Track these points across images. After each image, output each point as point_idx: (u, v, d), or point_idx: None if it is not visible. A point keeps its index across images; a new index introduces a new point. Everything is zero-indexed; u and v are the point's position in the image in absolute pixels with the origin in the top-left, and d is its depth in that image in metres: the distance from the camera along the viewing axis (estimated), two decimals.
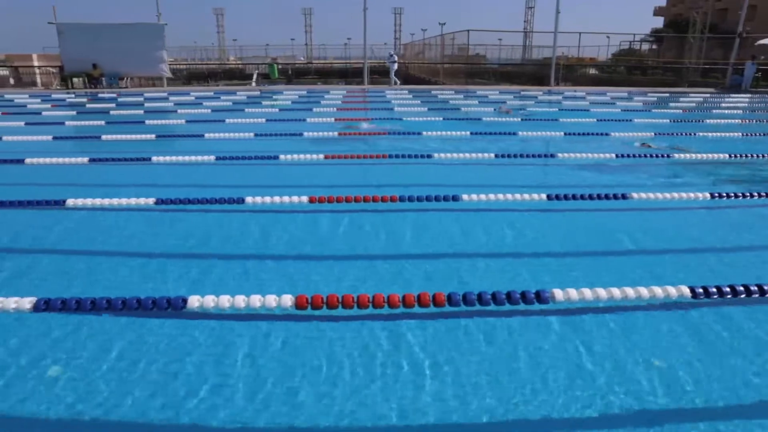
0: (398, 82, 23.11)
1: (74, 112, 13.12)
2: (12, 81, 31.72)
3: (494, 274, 3.77)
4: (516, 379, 2.52)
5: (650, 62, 42.68)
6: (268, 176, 6.68)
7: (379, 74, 34.13)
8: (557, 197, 4.92)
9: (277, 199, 4.87)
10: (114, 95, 18.35)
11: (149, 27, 21.42)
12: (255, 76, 25.96)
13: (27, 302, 2.67)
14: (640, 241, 4.39)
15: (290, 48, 63.26)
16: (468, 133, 8.94)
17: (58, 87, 31.45)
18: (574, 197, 5.00)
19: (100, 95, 18.54)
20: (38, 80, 33.04)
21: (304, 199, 4.87)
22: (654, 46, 50.47)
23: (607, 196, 5.00)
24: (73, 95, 18.72)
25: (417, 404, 2.35)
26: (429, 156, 7.13)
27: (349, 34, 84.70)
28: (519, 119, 11.11)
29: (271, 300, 2.73)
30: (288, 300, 2.71)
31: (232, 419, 2.27)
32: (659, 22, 59.53)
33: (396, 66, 23.30)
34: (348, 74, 42.92)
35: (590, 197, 5.00)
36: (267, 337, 2.89)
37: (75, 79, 22.18)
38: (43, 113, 12.75)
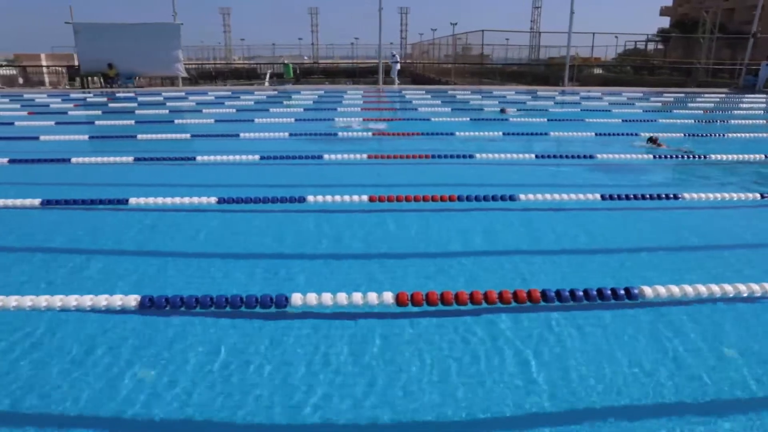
0: (398, 81, 23.13)
1: (99, 112, 13.20)
2: (21, 80, 31.86)
3: (562, 270, 3.86)
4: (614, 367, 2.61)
5: (657, 62, 42.64)
6: (316, 175, 6.75)
7: (386, 74, 34.21)
8: (611, 197, 5.00)
9: (337, 198, 4.93)
10: (131, 94, 18.41)
11: (165, 27, 21.48)
12: (268, 76, 26.03)
13: (132, 299, 2.72)
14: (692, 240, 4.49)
15: (297, 47, 63.25)
16: (500, 133, 9.02)
17: (68, 86, 31.55)
18: (627, 197, 5.06)
19: (117, 94, 18.61)
20: (46, 80, 33.17)
21: (365, 198, 4.94)
22: (660, 46, 50.50)
23: (659, 196, 5.06)
24: (90, 94, 18.78)
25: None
26: (471, 156, 7.20)
27: (355, 34, 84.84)
28: (545, 120, 11.16)
29: (373, 297, 2.78)
30: (389, 297, 2.76)
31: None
32: (665, 22, 59.49)
33: (398, 66, 23.34)
34: (356, 74, 43.00)
35: (642, 197, 5.06)
36: (371, 332, 2.96)
37: (84, 79, 22.28)
38: (69, 113, 12.83)
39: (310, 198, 4.92)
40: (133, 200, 4.90)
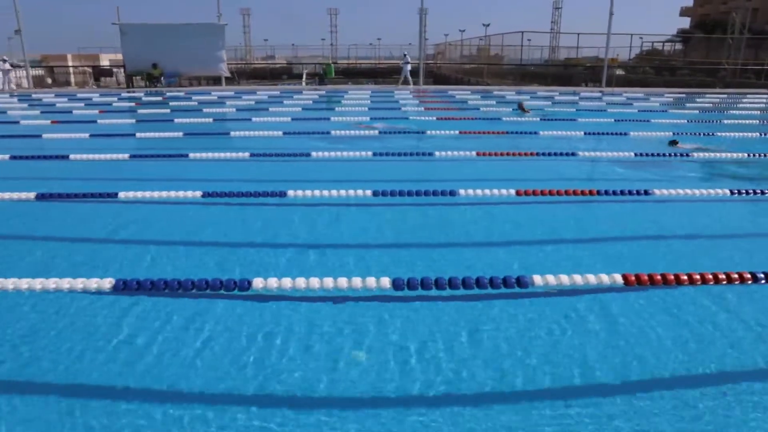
0: (411, 81, 23.31)
1: (168, 110, 13.52)
2: (49, 80, 32.37)
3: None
4: None
5: (678, 63, 42.44)
6: (434, 170, 7.04)
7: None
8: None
9: (487, 192, 5.21)
10: (180, 94, 18.75)
11: (210, 27, 21.85)
12: (304, 76, 26.36)
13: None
14: None
15: (319, 48, 63.58)
16: (582, 133, 9.27)
17: (94, 86, 31.96)
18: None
19: (168, 93, 18.95)
20: (72, 80, 33.65)
21: (512, 191, 5.20)
22: (678, 47, 50.39)
23: None
24: (143, 94, 19.15)
25: None
26: (573, 153, 7.44)
27: (374, 36, 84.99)
28: (613, 120, 11.39)
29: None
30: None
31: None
32: (684, 23, 59.21)
33: (410, 66, 23.54)
34: (377, 74, 43.25)
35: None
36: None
37: (130, 79, 22.68)
38: (139, 111, 13.19)
39: (462, 192, 5.17)
40: (291, 192, 5.18)
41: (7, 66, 21.99)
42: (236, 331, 3.02)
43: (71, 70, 37.28)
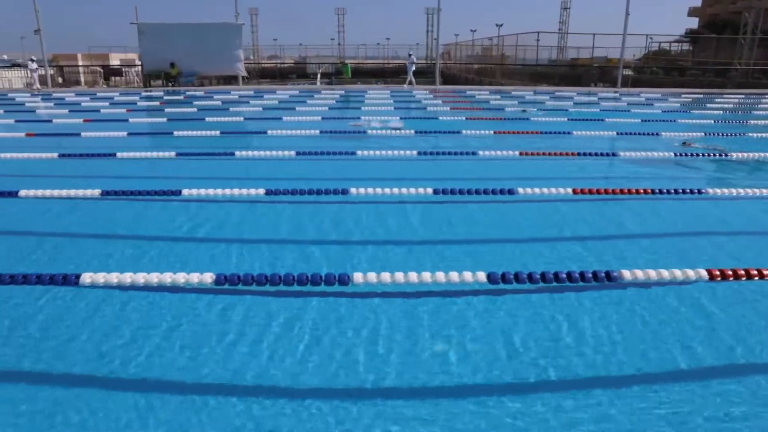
0: (413, 81, 23.25)
1: (194, 109, 13.63)
2: (60, 80, 32.53)
3: None
4: None
5: (686, 63, 42.37)
6: (483, 169, 7.14)
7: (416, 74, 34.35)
8: None
9: (545, 190, 5.30)
10: (200, 93, 18.86)
11: (227, 27, 21.96)
12: (319, 75, 26.45)
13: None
14: None
15: (327, 48, 63.65)
16: (615, 132, 9.35)
17: (104, 85, 32.07)
18: None
19: (187, 93, 19.06)
20: (82, 79, 33.79)
21: (569, 190, 5.29)
22: (685, 47, 50.34)
23: None
24: (162, 93, 19.26)
25: None
26: (614, 154, 7.52)
27: (381, 35, 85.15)
28: (640, 120, 11.45)
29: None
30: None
31: None
32: (692, 23, 59.03)
33: (414, 66, 23.52)
34: (385, 74, 43.30)
35: None
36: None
37: (147, 78, 22.82)
38: (166, 110, 13.29)
39: (520, 190, 5.26)
40: (353, 190, 5.27)
41: (35, 65, 22.17)
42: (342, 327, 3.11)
43: (81, 69, 37.42)
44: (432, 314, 3.23)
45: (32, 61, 22.10)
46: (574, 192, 5.30)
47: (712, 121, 11.42)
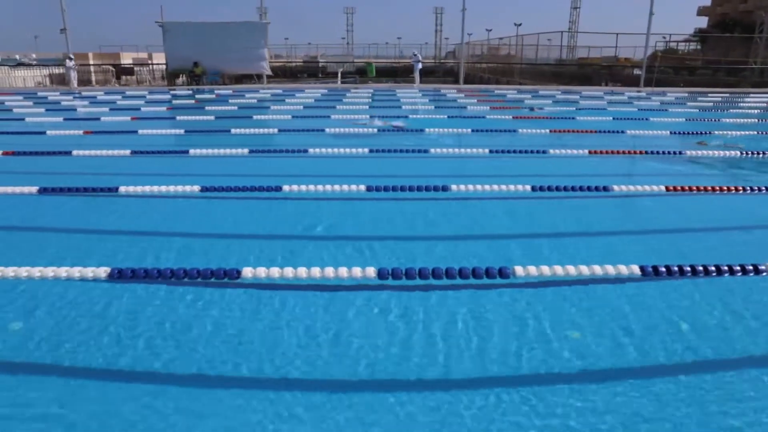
0: (418, 80, 23.29)
1: (234, 107, 13.71)
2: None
3: None
4: None
5: (697, 62, 42.31)
6: (560, 167, 7.27)
7: (425, 74, 34.29)
8: None
9: (632, 187, 5.46)
10: (229, 92, 18.93)
11: (252, 25, 22.05)
12: (340, 75, 26.53)
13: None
14: None
15: (340, 46, 63.64)
16: (668, 132, 9.45)
17: (116, 84, 32.13)
18: None
19: (216, 91, 19.13)
20: (93, 78, 33.89)
21: (662, 187, 5.39)
22: (692, 46, 50.38)
23: None
24: (190, 92, 19.35)
25: None
26: (681, 152, 7.60)
27: (390, 34, 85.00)
28: (684, 119, 11.54)
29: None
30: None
31: None
32: (702, 22, 59.00)
33: (420, 65, 23.57)
34: (396, 73, 43.31)
35: None
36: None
37: (172, 77, 22.90)
38: (207, 108, 13.35)
39: (615, 187, 5.39)
40: (454, 187, 5.36)
41: (72, 63, 22.31)
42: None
43: (92, 68, 37.56)
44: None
45: (70, 59, 22.25)
46: (667, 189, 5.40)
47: (756, 120, 11.51)
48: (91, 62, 41.72)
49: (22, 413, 2.38)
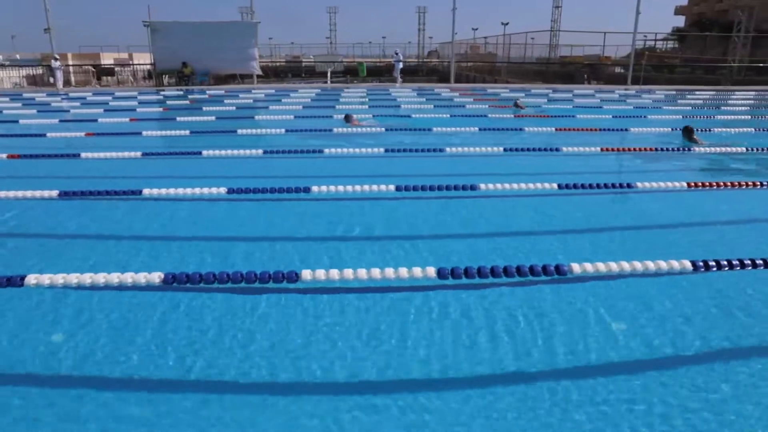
0: (399, 80, 23.38)
1: (233, 108, 13.55)
2: (52, 80, 31.95)
3: None
4: None
5: (676, 60, 43.05)
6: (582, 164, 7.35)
7: (405, 73, 34.22)
8: None
9: (662, 184, 5.53)
10: (221, 92, 18.72)
11: (242, 25, 21.86)
12: (329, 74, 26.43)
13: None
14: None
15: (323, 47, 63.28)
16: (669, 129, 9.60)
17: (97, 85, 31.57)
18: None
19: (208, 92, 18.91)
20: (72, 79, 33.22)
21: (684, 184, 5.49)
22: (669, 44, 51.36)
23: None
24: (181, 92, 19.09)
25: None
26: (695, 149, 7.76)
27: (373, 34, 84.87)
28: (681, 116, 11.77)
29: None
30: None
31: None
32: (680, 21, 60.10)
33: (401, 65, 23.70)
34: (380, 72, 43.29)
35: None
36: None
37: (160, 77, 22.56)
38: (204, 108, 13.20)
39: (639, 184, 5.47)
40: (483, 186, 5.39)
41: (58, 64, 21.84)
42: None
43: (72, 69, 36.81)
44: None
45: (55, 60, 21.78)
46: (689, 185, 5.51)
47: (750, 117, 11.79)
48: (71, 62, 40.93)
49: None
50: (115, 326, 3.20)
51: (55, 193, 5.24)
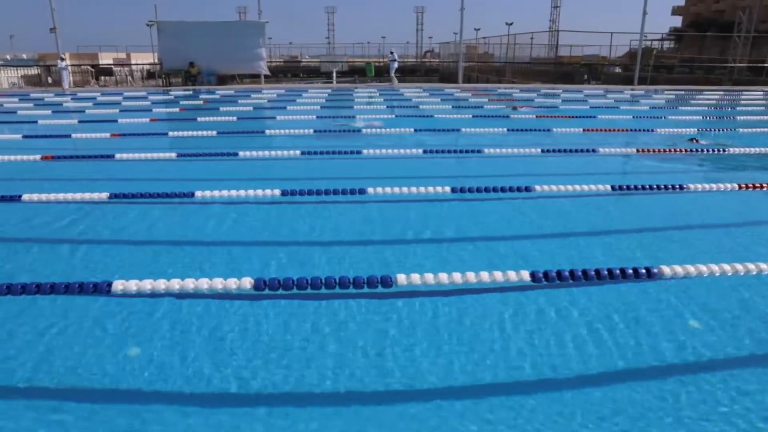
0: (395, 80, 23.33)
1: (250, 108, 13.48)
2: (50, 80, 31.71)
3: None
4: None
5: (673, 60, 43.26)
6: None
7: (404, 73, 34.11)
8: None
9: (707, 186, 5.55)
10: (230, 92, 18.63)
11: (250, 25, 21.75)
12: (335, 74, 26.36)
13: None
14: None
15: (322, 47, 63.19)
16: (695, 129, 9.65)
17: (96, 84, 31.31)
18: None
19: (217, 92, 18.80)
20: (71, 79, 32.92)
21: (735, 185, 5.50)
22: (666, 45, 51.72)
23: None
24: (191, 92, 18.97)
25: None
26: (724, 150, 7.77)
27: (371, 34, 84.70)
28: (700, 117, 11.82)
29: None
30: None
31: None
32: (677, 21, 60.48)
33: (396, 64, 23.65)
34: (379, 72, 43.24)
35: None
36: None
37: (166, 77, 22.42)
38: (221, 108, 13.13)
39: (691, 186, 5.47)
40: (537, 187, 5.37)
41: (65, 64, 21.65)
42: None
43: (70, 69, 36.53)
44: None
45: (62, 59, 21.63)
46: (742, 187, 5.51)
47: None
48: (69, 63, 40.60)
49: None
50: (211, 334, 3.14)
51: (105, 195, 5.18)
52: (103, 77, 35.68)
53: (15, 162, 6.94)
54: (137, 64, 35.39)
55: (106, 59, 44.98)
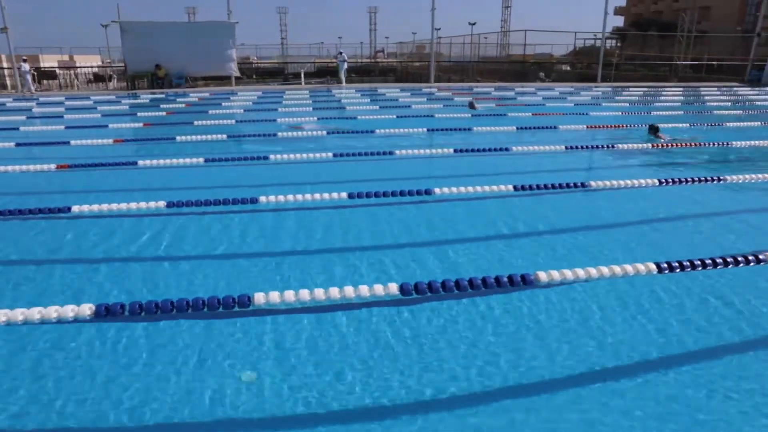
0: (343, 80, 23.49)
1: (241, 110, 13.15)
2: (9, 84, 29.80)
3: None
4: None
5: (616, 59, 45.11)
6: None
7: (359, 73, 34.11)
8: None
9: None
10: (206, 94, 18.10)
11: (219, 25, 21.11)
12: (303, 75, 26.10)
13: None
14: None
15: (275, 48, 62.14)
16: (685, 124, 10.18)
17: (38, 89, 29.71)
18: None
19: (191, 95, 18.24)
20: (7, 83, 31.18)
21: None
22: (609, 43, 54.08)
23: None
24: (164, 95, 18.31)
25: None
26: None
27: (326, 35, 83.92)
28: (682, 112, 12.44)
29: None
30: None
31: None
32: (619, 21, 63.16)
33: (346, 65, 23.89)
34: (331, 73, 43.02)
35: None
36: None
37: (132, 81, 21.53)
38: (210, 111, 12.74)
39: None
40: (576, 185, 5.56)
41: (28, 67, 20.38)
42: None
43: (6, 72, 34.54)
44: None
45: (24, 62, 20.42)
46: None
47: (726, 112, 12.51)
48: (5, 65, 38.22)
49: None
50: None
51: (162, 204, 4.96)
52: (46, 81, 33.80)
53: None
54: (89, 67, 33.80)
55: (48, 62, 42.64)
